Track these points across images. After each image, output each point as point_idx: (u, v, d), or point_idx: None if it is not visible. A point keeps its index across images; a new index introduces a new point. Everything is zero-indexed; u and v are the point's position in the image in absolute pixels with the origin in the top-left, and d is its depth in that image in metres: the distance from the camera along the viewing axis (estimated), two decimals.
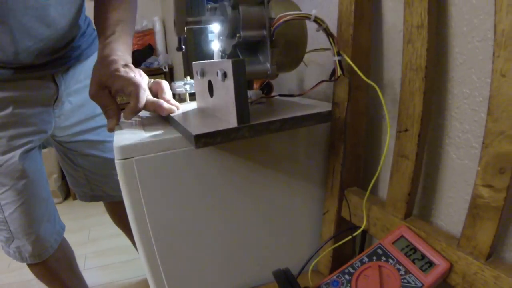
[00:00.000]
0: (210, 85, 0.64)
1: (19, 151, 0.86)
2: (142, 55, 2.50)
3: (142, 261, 0.69)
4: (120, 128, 0.70)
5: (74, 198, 2.50)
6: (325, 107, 0.69)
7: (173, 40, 2.47)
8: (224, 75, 0.54)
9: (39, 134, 0.90)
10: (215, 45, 0.75)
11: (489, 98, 0.47)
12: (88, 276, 1.67)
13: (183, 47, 0.61)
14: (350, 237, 0.65)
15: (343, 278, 0.56)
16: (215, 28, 0.76)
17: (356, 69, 0.57)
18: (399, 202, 0.60)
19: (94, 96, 0.71)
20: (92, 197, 1.17)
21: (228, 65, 0.52)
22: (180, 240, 0.68)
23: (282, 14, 0.55)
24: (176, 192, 0.64)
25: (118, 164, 0.61)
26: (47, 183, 0.99)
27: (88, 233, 2.03)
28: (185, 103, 0.82)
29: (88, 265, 1.76)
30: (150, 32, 2.60)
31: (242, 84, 0.53)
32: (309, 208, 0.77)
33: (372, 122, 0.74)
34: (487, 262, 0.50)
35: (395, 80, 0.68)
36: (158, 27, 2.62)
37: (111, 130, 0.69)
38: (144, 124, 0.73)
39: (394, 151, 0.61)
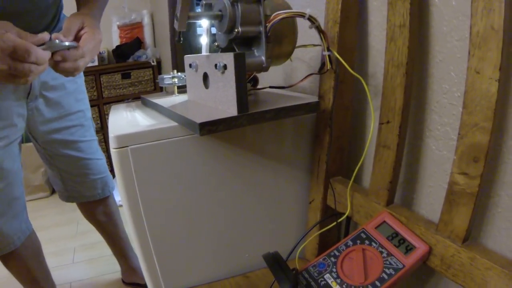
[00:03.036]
0: (205, 77, 0.66)
1: None
2: (130, 48, 2.49)
3: (136, 248, 0.71)
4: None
5: None
6: (312, 99, 0.72)
7: (162, 34, 2.47)
8: (225, 67, 0.58)
9: (13, 127, 0.91)
10: (204, 40, 0.78)
11: (465, 93, 0.51)
12: (77, 269, 1.68)
13: (182, 38, 0.64)
14: (335, 223, 0.68)
15: (329, 261, 0.60)
16: (203, 23, 0.79)
17: (344, 63, 0.61)
18: (381, 190, 0.64)
19: (69, 21, 0.73)
20: (67, 197, 1.18)
21: (229, 58, 0.56)
22: (173, 228, 0.71)
23: (278, 12, 0.59)
24: (169, 180, 0.67)
25: (113, 153, 0.63)
26: (22, 182, 1.00)
27: (76, 227, 2.03)
28: (174, 95, 0.85)
29: (77, 258, 1.76)
30: (139, 25, 2.59)
31: (242, 76, 0.57)
32: (296, 197, 0.80)
33: (355, 115, 0.78)
34: (463, 245, 0.54)
35: (378, 76, 0.72)
36: (146, 21, 2.61)
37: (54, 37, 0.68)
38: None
39: (376, 142, 0.65)
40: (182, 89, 0.86)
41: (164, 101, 0.79)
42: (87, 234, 1.92)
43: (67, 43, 0.66)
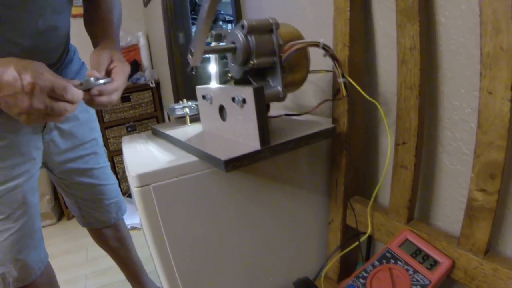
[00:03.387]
0: (221, 109, 0.68)
1: (19, 181, 0.88)
2: None
3: (163, 282, 0.71)
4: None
5: (68, 218, 2.47)
6: (326, 122, 0.74)
7: (158, 54, 2.48)
8: (243, 101, 0.59)
9: (32, 161, 0.92)
10: (212, 68, 0.79)
11: (478, 112, 0.53)
12: None
13: (195, 70, 0.66)
14: (357, 243, 0.70)
15: (358, 282, 0.61)
16: None
17: (360, 89, 0.63)
18: (401, 208, 0.66)
19: (98, 56, 0.74)
20: (83, 223, 1.21)
21: (248, 92, 0.57)
22: (199, 259, 0.71)
23: (293, 42, 0.60)
24: (192, 213, 0.67)
25: (135, 192, 0.63)
26: (39, 214, 1.01)
27: (86, 253, 2.02)
28: (186, 126, 0.85)
29: (89, 285, 1.75)
30: (135, 47, 2.61)
31: (262, 110, 0.57)
32: (314, 218, 0.81)
33: (368, 135, 0.79)
34: (485, 257, 0.55)
35: (387, 95, 0.74)
36: (142, 42, 2.63)
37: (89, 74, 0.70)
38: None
39: (393, 162, 0.66)
40: (192, 116, 0.86)
41: (178, 132, 0.80)
42: (98, 260, 1.91)
43: (102, 81, 0.68)
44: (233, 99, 0.61)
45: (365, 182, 0.80)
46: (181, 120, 0.89)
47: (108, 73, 0.73)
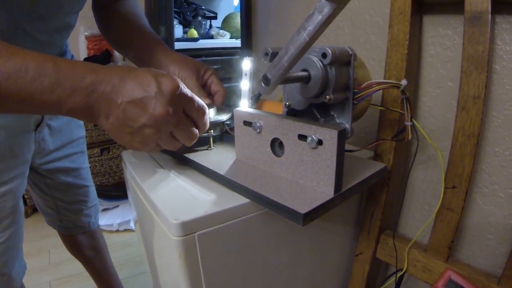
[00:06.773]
0: (276, 143, 0.59)
1: (11, 186, 0.76)
2: (99, 61, 2.13)
3: None
4: None
5: (27, 216, 2.09)
6: (364, 155, 0.72)
7: None
8: (319, 142, 0.52)
9: (26, 163, 0.80)
10: (245, 85, 0.70)
11: None
12: None
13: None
14: (394, 279, 0.71)
15: None
16: (245, 65, 0.71)
17: (425, 135, 0.61)
18: (442, 247, 0.67)
19: (188, 73, 0.68)
20: (60, 227, 1.07)
21: (330, 135, 0.49)
22: None
23: (372, 82, 0.54)
24: (235, 258, 0.59)
25: (175, 242, 0.52)
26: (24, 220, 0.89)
27: (48, 256, 1.74)
28: (210, 149, 0.75)
29: None
30: None
31: (342, 155, 0.51)
32: (340, 249, 0.79)
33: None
34: None
35: (425, 131, 0.73)
36: None
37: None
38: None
39: (440, 204, 0.67)
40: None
41: (204, 158, 0.67)
42: (61, 265, 1.68)
43: (226, 117, 0.67)
44: (301, 136, 0.54)
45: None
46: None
47: (204, 83, 0.70)
